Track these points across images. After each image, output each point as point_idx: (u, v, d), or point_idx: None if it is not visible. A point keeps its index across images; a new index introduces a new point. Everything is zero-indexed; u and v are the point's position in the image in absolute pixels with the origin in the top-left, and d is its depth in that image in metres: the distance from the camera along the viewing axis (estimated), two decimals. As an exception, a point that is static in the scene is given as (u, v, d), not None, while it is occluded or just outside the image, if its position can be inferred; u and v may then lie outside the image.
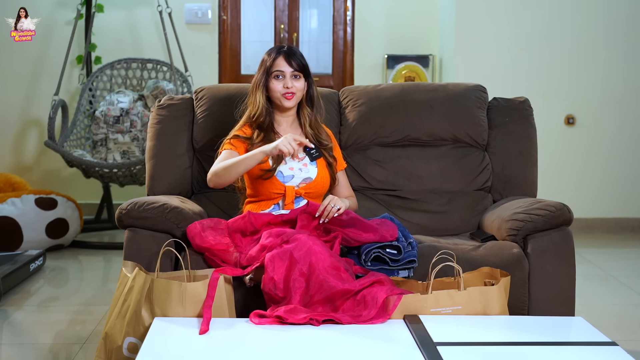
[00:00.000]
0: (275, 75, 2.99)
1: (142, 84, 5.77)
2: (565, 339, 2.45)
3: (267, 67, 3.00)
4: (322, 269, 2.57)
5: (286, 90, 2.99)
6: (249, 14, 6.18)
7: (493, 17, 5.72)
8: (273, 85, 3.00)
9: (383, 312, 2.53)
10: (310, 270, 2.57)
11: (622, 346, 2.36)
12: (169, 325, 2.47)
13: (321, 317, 2.48)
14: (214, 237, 2.83)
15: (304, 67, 3.01)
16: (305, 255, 2.59)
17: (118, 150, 5.55)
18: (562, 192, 5.59)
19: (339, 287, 2.54)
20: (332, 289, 2.55)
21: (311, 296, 2.56)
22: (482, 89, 3.58)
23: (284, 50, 3.01)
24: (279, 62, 2.99)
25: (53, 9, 5.94)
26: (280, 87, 3.00)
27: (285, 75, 2.99)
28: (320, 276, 2.56)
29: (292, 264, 2.58)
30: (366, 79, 6.03)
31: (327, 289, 2.55)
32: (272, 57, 3.00)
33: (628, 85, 5.79)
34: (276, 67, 2.99)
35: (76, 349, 3.33)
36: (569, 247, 2.98)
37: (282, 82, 2.99)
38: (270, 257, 2.61)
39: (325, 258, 2.60)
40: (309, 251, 2.60)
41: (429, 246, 2.99)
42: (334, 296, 2.55)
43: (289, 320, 2.47)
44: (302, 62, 3.01)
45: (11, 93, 5.99)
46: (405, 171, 3.46)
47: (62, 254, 5.12)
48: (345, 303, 2.56)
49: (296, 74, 3.00)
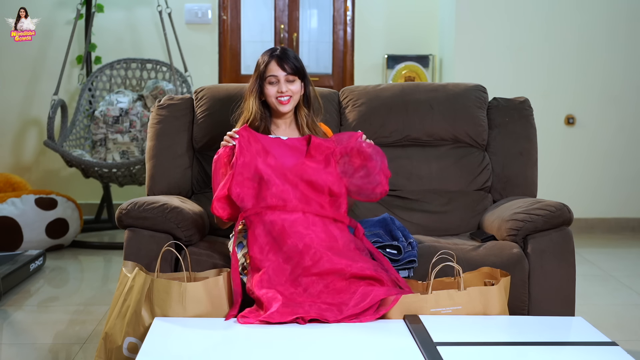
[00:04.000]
0: (269, 81, 2.96)
1: (142, 84, 5.77)
2: (565, 339, 2.45)
3: (260, 72, 2.97)
4: (322, 246, 2.65)
5: (280, 94, 2.96)
6: (249, 14, 6.18)
7: (493, 17, 5.72)
8: (267, 91, 2.97)
9: (373, 310, 2.54)
10: (305, 247, 2.63)
11: (622, 346, 2.36)
12: (169, 325, 2.47)
13: (308, 316, 2.50)
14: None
15: (297, 69, 2.96)
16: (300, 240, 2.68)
17: (117, 150, 5.55)
18: (562, 192, 5.59)
19: (335, 263, 2.61)
20: (329, 263, 2.60)
21: (307, 268, 2.60)
22: (482, 89, 3.58)
23: (276, 54, 2.96)
24: (271, 67, 2.95)
25: (53, 9, 5.93)
26: (274, 92, 2.96)
27: (279, 79, 2.95)
28: (319, 253, 2.62)
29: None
30: (366, 79, 6.03)
31: (324, 263, 2.61)
32: (265, 62, 2.96)
33: (628, 85, 5.79)
34: (269, 72, 2.95)
35: (76, 349, 3.33)
36: (569, 247, 2.98)
37: (276, 86, 2.96)
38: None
39: (323, 238, 2.69)
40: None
41: (429, 246, 2.99)
42: (327, 271, 2.60)
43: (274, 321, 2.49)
44: (296, 64, 2.96)
45: (11, 93, 5.99)
46: (405, 171, 3.45)
47: (62, 254, 5.11)
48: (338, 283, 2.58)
49: (290, 77, 2.96)
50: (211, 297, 2.60)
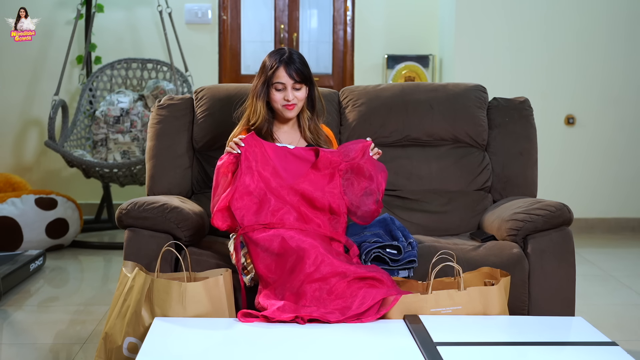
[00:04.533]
0: (276, 87, 2.93)
1: (142, 84, 5.77)
2: (565, 339, 2.45)
3: (267, 77, 2.93)
4: (322, 249, 2.64)
5: (287, 102, 2.95)
6: (249, 14, 6.18)
7: (493, 17, 5.72)
8: (274, 96, 2.95)
9: (374, 310, 2.54)
10: (307, 250, 2.62)
11: (622, 346, 2.36)
12: (169, 325, 2.47)
13: (307, 316, 2.50)
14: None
15: (305, 76, 2.94)
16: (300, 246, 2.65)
17: (118, 150, 5.55)
18: (562, 192, 5.59)
19: (336, 266, 2.59)
20: (331, 266, 2.59)
21: (308, 274, 2.58)
22: (482, 89, 3.58)
23: (284, 59, 2.92)
24: (279, 74, 2.91)
25: (53, 9, 5.94)
26: (280, 98, 2.94)
27: (286, 87, 2.92)
28: (319, 256, 2.61)
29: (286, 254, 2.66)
30: (366, 79, 6.03)
31: (326, 267, 2.59)
32: (273, 67, 2.92)
33: (628, 85, 5.79)
34: (277, 78, 2.92)
35: (76, 349, 3.33)
36: (569, 247, 2.98)
37: (283, 93, 2.93)
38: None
39: (323, 245, 2.68)
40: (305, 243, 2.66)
41: (429, 246, 2.99)
42: (329, 275, 2.58)
43: (275, 319, 2.49)
44: (303, 71, 2.93)
45: (11, 93, 5.99)
46: (405, 171, 3.45)
47: (62, 254, 5.11)
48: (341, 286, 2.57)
49: (297, 85, 2.93)
50: (211, 297, 2.60)
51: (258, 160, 2.80)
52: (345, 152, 2.88)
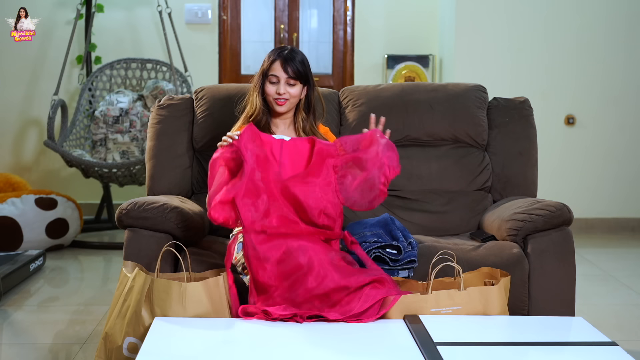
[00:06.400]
0: (270, 80, 2.95)
1: (142, 84, 5.77)
2: (565, 339, 2.45)
3: (264, 69, 2.96)
4: (325, 262, 2.58)
5: (278, 96, 2.96)
6: (249, 14, 6.18)
7: (493, 18, 5.72)
8: (267, 89, 2.96)
9: (375, 311, 2.53)
10: (310, 265, 2.57)
11: (622, 346, 2.36)
12: (169, 325, 2.47)
13: (307, 313, 2.50)
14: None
15: (300, 74, 2.94)
16: (304, 251, 2.59)
17: (117, 150, 5.55)
18: (562, 192, 5.59)
19: (338, 281, 2.56)
20: (333, 282, 2.55)
21: (310, 289, 2.56)
22: (482, 89, 3.58)
23: (283, 54, 2.94)
24: (275, 67, 2.93)
25: (53, 9, 5.94)
26: (273, 91, 2.95)
27: (280, 80, 2.94)
28: (322, 271, 2.56)
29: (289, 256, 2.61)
30: (366, 79, 6.03)
31: (328, 282, 2.55)
32: (270, 60, 2.95)
33: (628, 85, 5.79)
34: (272, 71, 2.94)
35: (76, 349, 3.33)
36: (569, 247, 2.98)
37: (276, 86, 2.95)
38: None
39: (325, 253, 2.61)
40: (307, 248, 2.61)
41: (429, 246, 2.99)
42: (331, 291, 2.55)
43: (274, 315, 2.49)
44: (300, 68, 2.93)
45: (11, 93, 5.99)
46: (405, 171, 3.45)
47: (62, 254, 5.11)
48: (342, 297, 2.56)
49: (291, 81, 2.94)
50: (211, 297, 2.60)
51: (254, 152, 2.77)
52: (342, 143, 2.79)
